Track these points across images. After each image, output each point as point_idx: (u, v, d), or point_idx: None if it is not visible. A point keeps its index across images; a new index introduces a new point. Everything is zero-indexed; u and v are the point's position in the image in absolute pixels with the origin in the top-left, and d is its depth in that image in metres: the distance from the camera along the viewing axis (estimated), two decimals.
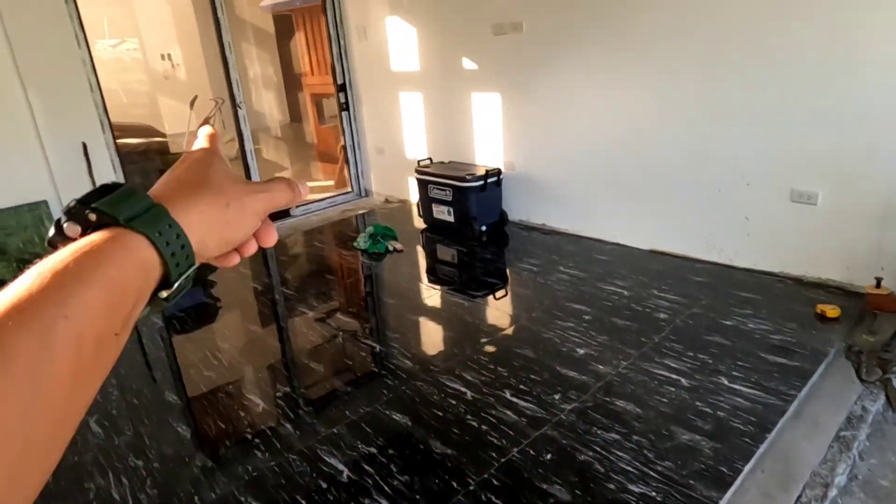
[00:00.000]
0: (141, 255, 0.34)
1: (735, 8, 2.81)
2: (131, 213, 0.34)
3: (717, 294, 2.89)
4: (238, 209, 0.40)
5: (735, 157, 3.01)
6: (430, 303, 3.22)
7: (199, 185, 0.39)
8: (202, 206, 0.38)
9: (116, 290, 0.32)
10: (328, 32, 5.04)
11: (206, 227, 0.38)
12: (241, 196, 0.41)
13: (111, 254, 0.32)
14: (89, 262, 0.31)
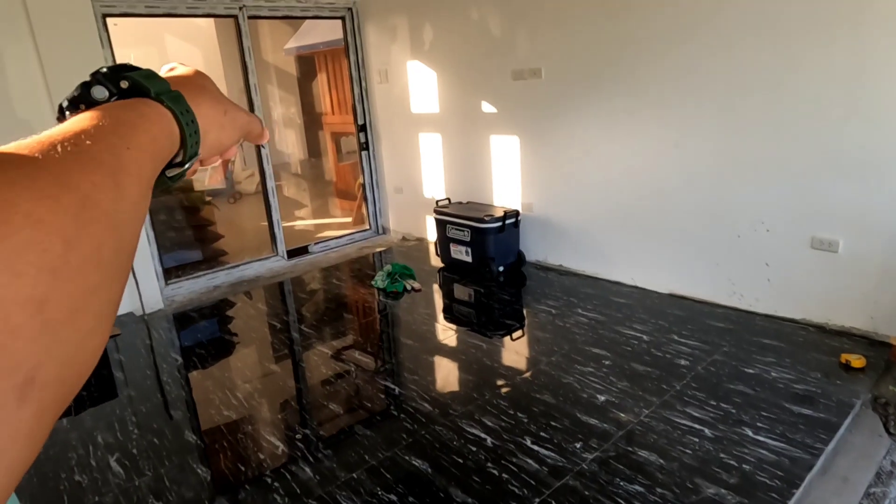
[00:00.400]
0: (170, 126, 0.38)
1: (754, 55, 2.87)
2: (160, 89, 0.38)
3: (738, 341, 2.86)
4: (231, 118, 0.47)
5: (754, 203, 3.03)
6: (447, 343, 3.22)
7: (204, 89, 0.45)
8: (207, 106, 0.43)
9: (157, 145, 0.36)
10: (350, 74, 5.19)
11: (207, 123, 0.43)
12: (234, 109, 0.47)
13: (151, 115, 0.37)
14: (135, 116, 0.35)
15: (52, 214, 0.25)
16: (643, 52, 3.27)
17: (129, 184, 0.31)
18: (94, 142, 0.30)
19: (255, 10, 4.45)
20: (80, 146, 0.30)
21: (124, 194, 0.30)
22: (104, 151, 0.30)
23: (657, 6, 3.15)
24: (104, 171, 0.29)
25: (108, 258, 0.28)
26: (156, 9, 3.99)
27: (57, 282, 0.24)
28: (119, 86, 0.37)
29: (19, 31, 3.37)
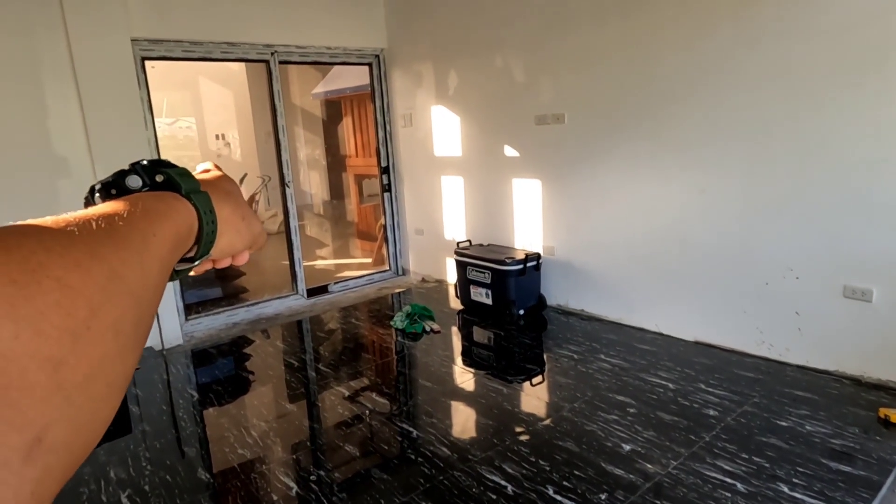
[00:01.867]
0: (192, 222, 0.40)
1: (780, 99, 2.87)
2: (189, 188, 0.41)
3: (769, 392, 2.76)
4: (247, 225, 0.49)
5: (783, 250, 2.97)
6: (466, 387, 3.16)
7: (229, 195, 0.47)
8: (228, 210, 0.46)
9: (178, 238, 0.38)
10: (375, 118, 5.30)
11: (225, 226, 0.45)
12: (250, 217, 0.50)
13: (179, 209, 0.39)
14: (165, 207, 0.38)
15: (82, 282, 0.26)
16: (667, 97, 3.30)
17: (152, 265, 0.33)
18: (126, 224, 0.33)
19: (286, 56, 4.60)
20: (113, 226, 0.32)
21: (147, 274, 0.32)
22: (134, 233, 0.33)
23: (681, 52, 3.19)
24: (132, 250, 0.32)
25: (127, 330, 0.29)
26: (192, 53, 4.15)
27: (77, 345, 0.25)
28: (154, 179, 0.40)
29: (62, 72, 3.52)
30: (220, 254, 0.47)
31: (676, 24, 3.18)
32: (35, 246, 0.26)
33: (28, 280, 0.24)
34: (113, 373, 0.28)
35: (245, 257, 0.52)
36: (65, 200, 3.63)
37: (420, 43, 4.79)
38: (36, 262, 0.25)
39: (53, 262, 0.26)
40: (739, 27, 2.93)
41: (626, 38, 3.41)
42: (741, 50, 2.94)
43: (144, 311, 0.31)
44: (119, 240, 0.31)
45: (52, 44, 3.47)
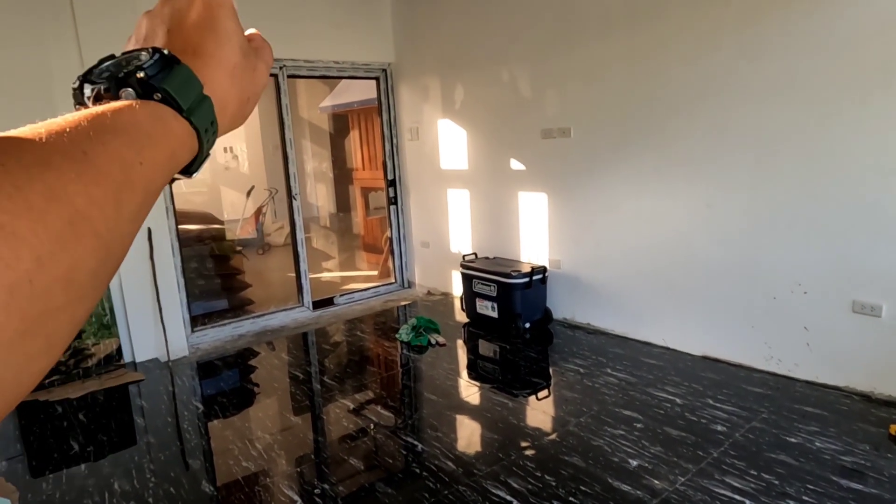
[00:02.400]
0: (192, 141, 0.35)
1: (786, 114, 2.87)
2: (191, 104, 0.35)
3: (778, 407, 2.73)
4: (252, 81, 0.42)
5: (790, 264, 2.95)
6: (472, 401, 3.14)
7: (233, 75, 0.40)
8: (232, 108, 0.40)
9: (174, 162, 0.34)
10: (382, 131, 5.33)
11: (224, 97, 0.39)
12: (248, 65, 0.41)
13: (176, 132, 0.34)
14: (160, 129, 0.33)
15: (30, 230, 0.23)
16: (673, 112, 3.30)
17: (130, 201, 0.29)
18: (105, 151, 0.28)
19: (294, 70, 4.65)
20: (88, 154, 0.27)
21: (122, 212, 0.28)
22: (113, 163, 0.28)
23: (686, 66, 3.20)
24: (107, 185, 0.27)
25: (81, 280, 0.25)
26: None
27: (12, 300, 0.22)
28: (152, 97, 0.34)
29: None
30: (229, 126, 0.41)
31: (682, 38, 3.19)
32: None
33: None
34: (56, 326, 0.24)
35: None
36: None
37: (427, 57, 4.83)
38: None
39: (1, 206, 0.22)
40: (744, 42, 2.94)
41: (631, 53, 3.43)
42: (746, 64, 2.95)
43: (112, 254, 0.28)
44: (92, 173, 0.27)
45: (64, 58, 3.52)
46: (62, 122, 0.28)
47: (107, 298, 3.80)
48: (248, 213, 7.91)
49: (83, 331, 3.72)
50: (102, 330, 3.80)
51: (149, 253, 3.87)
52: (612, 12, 3.48)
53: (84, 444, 2.85)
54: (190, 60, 0.37)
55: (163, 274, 3.95)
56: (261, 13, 4.31)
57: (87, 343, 3.75)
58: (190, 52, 0.38)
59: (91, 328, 3.76)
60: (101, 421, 3.13)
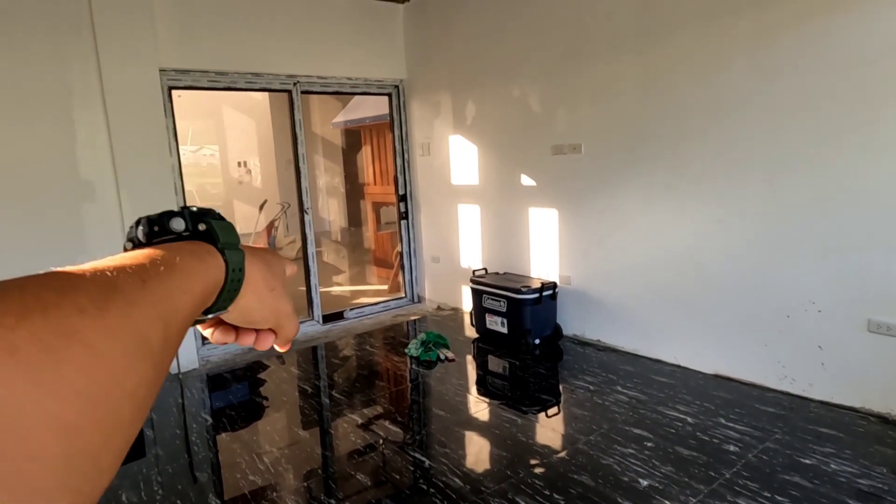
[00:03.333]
0: (220, 278, 0.39)
1: (799, 130, 2.85)
2: (227, 242, 0.40)
3: (792, 428, 2.68)
4: (275, 298, 0.47)
5: (804, 282, 2.92)
6: (480, 417, 3.12)
7: (266, 263, 0.46)
8: (258, 275, 0.44)
9: (205, 295, 0.38)
10: (393, 147, 5.38)
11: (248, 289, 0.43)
12: (281, 294, 0.48)
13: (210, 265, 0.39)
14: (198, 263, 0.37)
15: (110, 348, 0.26)
16: (684, 128, 3.30)
17: (176, 325, 0.33)
18: (160, 280, 0.33)
19: (308, 86, 4.71)
20: (148, 282, 0.31)
21: (171, 335, 0.32)
22: (166, 291, 0.33)
23: (697, 84, 3.20)
24: (161, 310, 0.31)
25: (141, 395, 0.28)
26: (217, 83, 4.27)
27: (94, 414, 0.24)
28: (196, 227, 0.40)
29: (92, 101, 3.64)
30: (238, 316, 0.45)
31: (693, 56, 3.20)
32: (71, 308, 0.25)
33: (60, 345, 0.24)
34: (122, 441, 0.27)
35: (268, 342, 0.49)
36: (89, 225, 3.71)
37: (439, 74, 4.88)
38: (70, 327, 0.25)
39: (87, 325, 0.25)
40: (756, 60, 2.94)
41: (642, 70, 3.44)
42: (758, 83, 2.95)
43: (160, 374, 0.31)
44: (151, 299, 0.31)
45: (84, 73, 3.60)
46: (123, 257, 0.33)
47: None
48: (261, 226, 7.97)
49: None
50: None
51: None
52: (623, 30, 3.50)
53: None
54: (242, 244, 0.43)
55: None
56: (276, 30, 4.39)
57: None
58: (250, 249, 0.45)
59: None
60: None
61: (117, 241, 3.78)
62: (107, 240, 3.78)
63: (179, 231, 0.39)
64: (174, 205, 3.99)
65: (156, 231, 0.39)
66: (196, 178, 8.76)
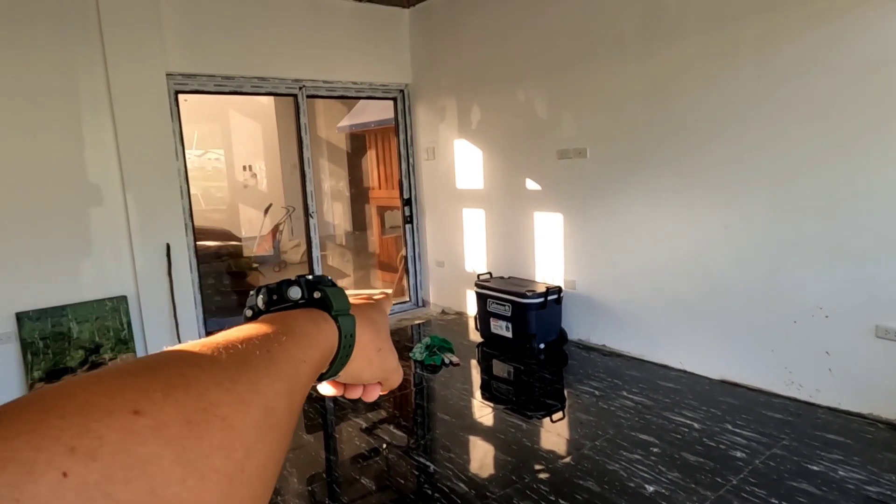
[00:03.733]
0: (334, 345, 0.41)
1: (806, 136, 2.84)
2: (340, 310, 0.42)
3: (799, 434, 2.66)
4: (381, 358, 0.48)
5: (811, 287, 2.90)
6: (485, 421, 3.11)
7: (373, 323, 0.47)
8: (367, 337, 0.45)
9: (322, 362, 0.39)
10: (399, 151, 5.38)
11: (358, 352, 0.44)
12: (388, 351, 0.49)
13: (326, 332, 0.40)
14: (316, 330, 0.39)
15: (242, 421, 0.26)
16: (690, 133, 3.29)
17: (298, 394, 0.34)
18: (282, 350, 0.34)
19: (313, 90, 4.73)
20: (272, 353, 0.32)
21: (294, 403, 0.33)
22: (288, 361, 0.33)
23: (703, 89, 3.20)
24: (285, 380, 0.32)
25: (272, 469, 0.28)
26: (224, 87, 4.29)
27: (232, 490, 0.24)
28: (312, 294, 0.41)
29: (100, 105, 3.66)
30: (347, 377, 0.46)
31: (699, 61, 3.20)
32: (208, 382, 0.26)
33: (200, 419, 0.24)
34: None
35: (374, 394, 0.50)
36: (96, 228, 3.73)
37: (444, 78, 4.89)
38: (208, 401, 0.25)
39: (222, 399, 0.26)
40: (763, 65, 2.94)
41: (648, 75, 3.44)
42: (765, 88, 2.94)
43: (285, 444, 0.31)
44: (275, 370, 0.31)
45: (91, 77, 3.62)
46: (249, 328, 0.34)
47: (125, 313, 3.85)
48: (266, 230, 7.99)
49: (101, 345, 3.76)
50: (120, 345, 3.83)
51: (167, 269, 3.92)
52: (629, 36, 3.50)
53: None
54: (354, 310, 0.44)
55: (180, 290, 3.99)
56: (282, 35, 4.41)
57: (105, 357, 3.78)
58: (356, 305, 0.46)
59: (109, 343, 3.80)
60: None
61: (123, 244, 3.80)
62: (113, 243, 3.80)
63: (296, 299, 0.41)
64: (179, 209, 4.00)
65: (274, 299, 0.41)
66: (201, 182, 8.80)
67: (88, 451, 0.21)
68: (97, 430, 0.21)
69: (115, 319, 3.82)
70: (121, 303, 3.83)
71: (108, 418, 0.22)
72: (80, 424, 0.21)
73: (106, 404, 0.23)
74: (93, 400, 0.23)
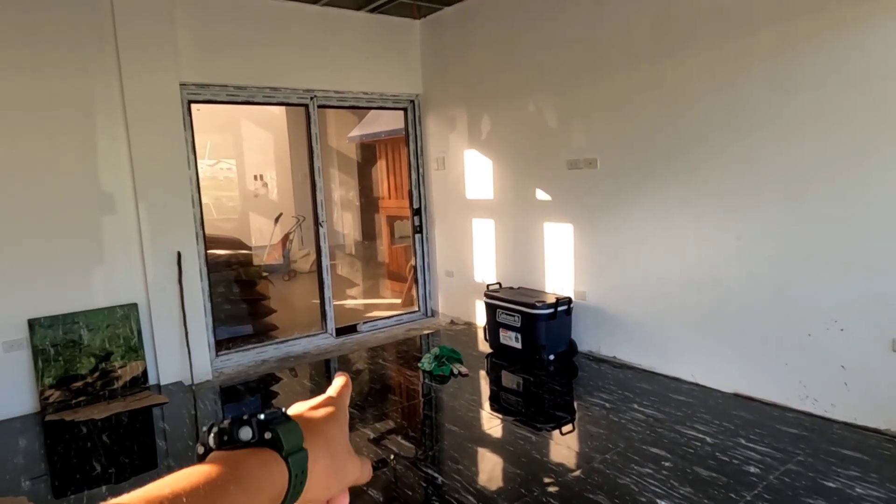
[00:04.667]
0: (283, 484, 0.40)
1: (820, 146, 2.81)
2: (291, 449, 0.41)
3: (815, 450, 2.61)
4: (340, 477, 0.46)
5: (825, 300, 2.86)
6: (494, 433, 3.08)
7: (330, 443, 0.45)
8: (322, 465, 0.44)
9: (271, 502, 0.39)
10: (408, 161, 5.40)
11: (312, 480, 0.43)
12: (348, 467, 0.47)
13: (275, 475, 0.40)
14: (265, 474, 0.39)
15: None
16: (701, 143, 3.27)
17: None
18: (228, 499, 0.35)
19: (324, 100, 4.76)
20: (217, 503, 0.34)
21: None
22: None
23: (714, 99, 3.18)
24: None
25: None
26: (236, 97, 4.33)
27: None
28: (263, 436, 0.41)
29: (114, 114, 3.71)
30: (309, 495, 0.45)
31: (709, 70, 3.18)
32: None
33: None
34: None
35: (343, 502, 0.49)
36: (108, 237, 3.76)
37: (454, 89, 4.90)
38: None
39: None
40: (775, 74, 2.92)
41: (658, 84, 3.43)
42: (778, 97, 2.92)
43: None
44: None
45: (106, 87, 3.67)
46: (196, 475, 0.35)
47: (135, 321, 3.86)
48: (276, 239, 8.03)
49: (111, 353, 3.78)
50: (130, 353, 3.85)
51: (177, 277, 3.94)
52: (639, 44, 3.50)
53: (106, 466, 2.86)
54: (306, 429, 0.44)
55: (190, 298, 4.00)
56: (294, 45, 4.45)
57: (115, 365, 3.80)
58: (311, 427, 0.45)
59: (119, 350, 3.81)
60: (123, 443, 3.15)
61: (135, 254, 3.83)
62: (124, 251, 3.82)
63: (247, 440, 0.41)
64: (191, 218, 4.03)
65: (225, 440, 0.41)
66: (213, 192, 8.86)
67: None
68: None
69: (126, 327, 3.83)
70: (131, 310, 3.85)
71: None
72: None
73: None
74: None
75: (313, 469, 0.43)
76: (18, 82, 3.42)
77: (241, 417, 0.42)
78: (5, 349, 3.50)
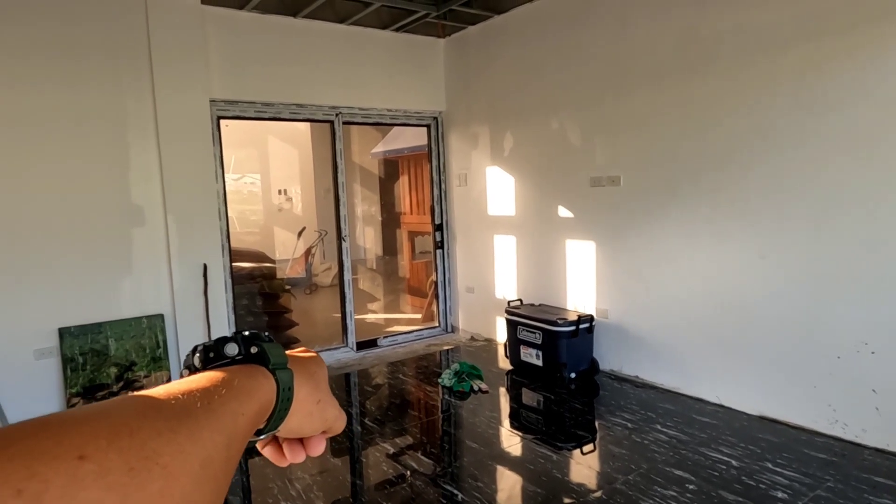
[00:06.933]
0: (272, 398, 0.41)
1: (848, 167, 2.77)
2: (277, 363, 0.42)
3: (845, 476, 2.54)
4: (321, 409, 0.48)
5: (855, 321, 2.80)
6: (514, 451, 3.05)
7: (311, 376, 0.47)
8: (305, 392, 0.45)
9: (259, 416, 0.40)
10: (431, 177, 5.44)
11: (297, 407, 0.44)
12: (327, 402, 0.48)
13: (264, 386, 0.40)
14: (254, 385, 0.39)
15: (181, 469, 0.28)
16: (726, 162, 3.25)
17: (235, 446, 0.35)
18: (221, 402, 0.35)
19: (349, 117, 4.83)
20: (212, 404, 0.34)
21: (231, 455, 0.34)
22: (227, 415, 0.35)
23: (740, 116, 3.16)
24: (223, 432, 0.33)
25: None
26: (263, 113, 4.43)
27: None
28: (249, 350, 0.42)
29: (146, 128, 3.81)
30: (288, 432, 0.47)
31: (736, 88, 3.17)
32: (150, 430, 0.28)
33: (142, 467, 0.26)
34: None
35: (320, 446, 0.50)
36: (137, 248, 3.85)
37: (477, 106, 4.94)
38: (150, 449, 0.27)
39: (163, 448, 0.27)
40: (802, 92, 2.89)
41: (683, 102, 3.42)
42: (805, 116, 2.89)
43: (221, 494, 0.32)
44: (214, 421, 0.33)
45: (139, 102, 3.78)
46: (189, 381, 0.36)
47: (160, 331, 3.93)
48: (298, 252, 8.12)
49: (135, 363, 3.84)
50: (153, 363, 3.91)
51: (203, 289, 4.01)
52: (664, 61, 3.50)
53: None
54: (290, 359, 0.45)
55: (215, 310, 4.06)
56: (320, 63, 4.54)
57: (139, 374, 3.86)
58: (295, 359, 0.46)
59: (143, 360, 3.88)
60: None
61: (163, 265, 3.91)
62: (152, 262, 3.90)
63: (233, 356, 0.41)
64: (217, 230, 4.10)
65: (211, 357, 0.41)
66: (237, 206, 9.01)
67: (34, 495, 0.22)
68: (44, 473, 0.23)
69: (151, 338, 3.90)
70: (157, 321, 3.92)
71: (55, 462, 0.23)
72: (27, 467, 0.23)
73: (53, 448, 0.24)
74: (40, 444, 0.24)
75: (298, 392, 0.44)
76: (55, 96, 3.54)
77: (225, 336, 0.42)
78: (36, 357, 3.59)
